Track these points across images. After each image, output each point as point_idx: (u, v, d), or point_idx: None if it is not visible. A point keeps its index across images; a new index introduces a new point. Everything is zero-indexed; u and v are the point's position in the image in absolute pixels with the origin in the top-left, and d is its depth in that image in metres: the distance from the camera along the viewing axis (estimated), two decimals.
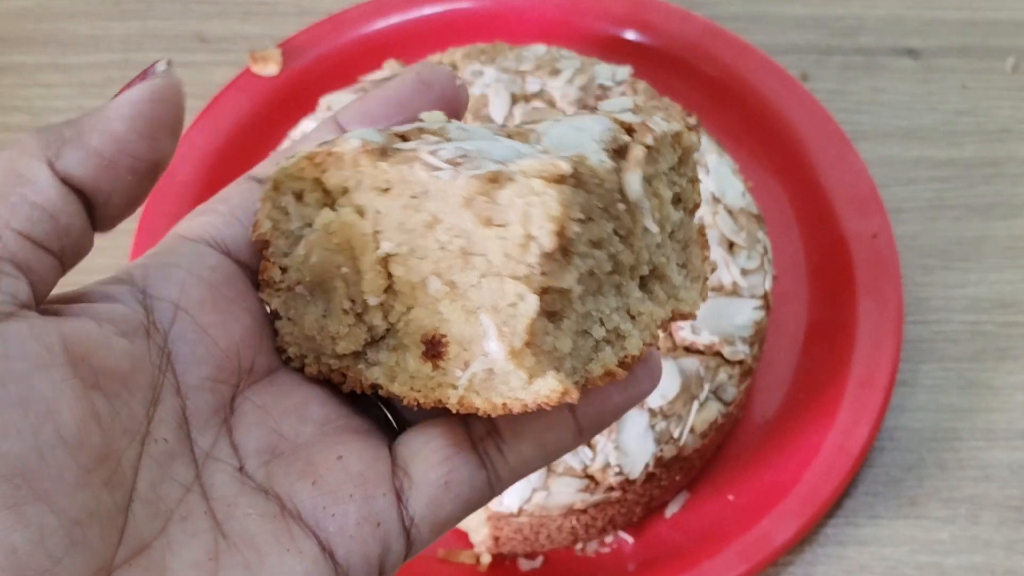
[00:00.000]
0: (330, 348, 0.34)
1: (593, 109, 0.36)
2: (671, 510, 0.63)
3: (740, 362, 0.60)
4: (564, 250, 0.31)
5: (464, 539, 0.62)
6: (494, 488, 0.34)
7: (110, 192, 0.31)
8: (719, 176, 0.63)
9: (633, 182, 0.33)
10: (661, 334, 0.58)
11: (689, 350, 0.59)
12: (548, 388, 0.31)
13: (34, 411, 0.28)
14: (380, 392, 0.34)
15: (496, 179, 0.30)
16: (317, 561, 0.31)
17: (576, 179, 0.31)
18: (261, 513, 0.31)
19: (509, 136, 0.33)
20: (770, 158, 0.73)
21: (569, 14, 0.76)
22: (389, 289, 0.33)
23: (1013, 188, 0.74)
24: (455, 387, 0.32)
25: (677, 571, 0.59)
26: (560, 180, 0.30)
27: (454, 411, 0.32)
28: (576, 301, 0.32)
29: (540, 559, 0.62)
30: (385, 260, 0.32)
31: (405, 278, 0.32)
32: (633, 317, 0.34)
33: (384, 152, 0.32)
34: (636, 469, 0.57)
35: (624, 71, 0.67)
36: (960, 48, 0.79)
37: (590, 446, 0.57)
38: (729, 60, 0.74)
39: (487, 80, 0.66)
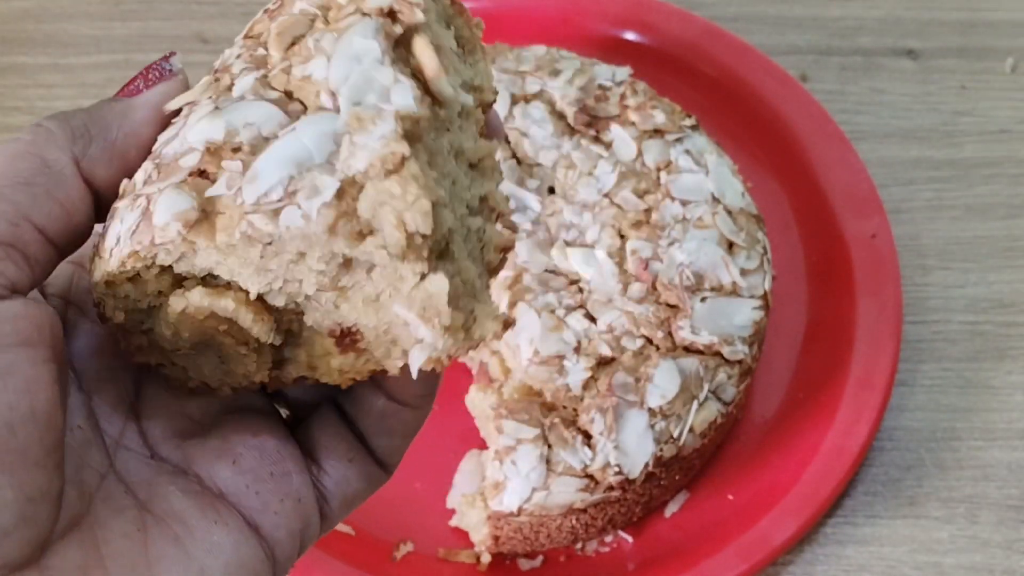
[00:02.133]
0: (242, 380, 0.33)
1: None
2: (671, 509, 0.63)
3: (739, 362, 0.60)
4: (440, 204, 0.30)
5: (464, 538, 0.62)
6: (386, 468, 0.36)
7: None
8: (718, 176, 0.63)
9: (444, 85, 0.31)
10: (660, 334, 0.59)
11: (688, 350, 0.59)
12: (488, 331, 0.31)
13: (13, 386, 0.28)
14: (307, 381, 0.34)
15: (343, 194, 0.28)
16: (244, 532, 0.32)
17: (410, 138, 0.29)
18: (183, 490, 0.32)
19: (288, 95, 0.30)
20: (769, 159, 0.73)
21: (569, 14, 0.76)
22: (278, 320, 0.32)
23: (1012, 188, 0.74)
24: (390, 359, 0.32)
25: (677, 570, 0.59)
26: (403, 162, 0.28)
27: (397, 372, 0.32)
28: (456, 223, 0.31)
29: (540, 558, 0.62)
30: (261, 300, 0.31)
31: (288, 304, 0.31)
32: (474, 166, 0.33)
33: (206, 214, 0.29)
34: (636, 469, 0.57)
35: (624, 72, 0.67)
36: (959, 49, 0.79)
37: (590, 446, 0.57)
38: (729, 61, 0.74)
39: None
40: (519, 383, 0.59)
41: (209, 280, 0.31)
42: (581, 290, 0.60)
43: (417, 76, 0.31)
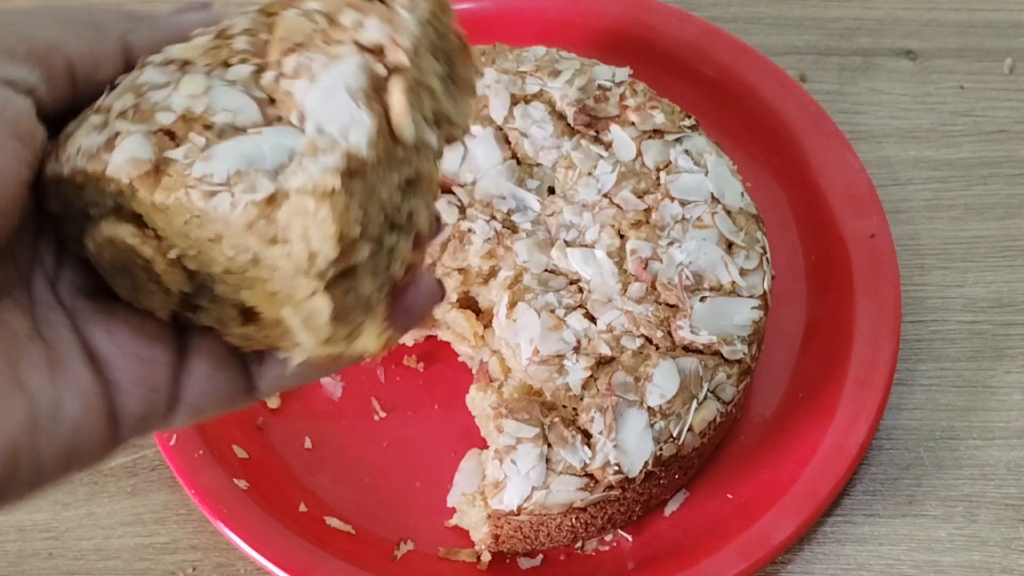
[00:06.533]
0: (149, 308, 0.36)
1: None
2: (670, 508, 0.63)
3: (739, 361, 0.60)
4: (352, 240, 0.32)
5: (465, 537, 0.62)
6: (251, 393, 0.37)
7: None
8: (718, 176, 0.63)
9: (406, 129, 0.33)
10: (659, 334, 0.59)
11: (688, 349, 0.59)
12: (370, 346, 0.34)
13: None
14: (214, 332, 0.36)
15: (272, 200, 0.31)
16: (101, 393, 0.34)
17: (350, 174, 0.32)
18: (69, 327, 0.34)
19: (271, 100, 0.33)
20: (768, 159, 0.73)
21: (569, 15, 0.76)
22: (190, 275, 0.34)
23: (1010, 188, 0.74)
24: (284, 342, 0.35)
25: (676, 569, 0.59)
26: (331, 193, 0.31)
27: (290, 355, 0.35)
28: (369, 251, 0.33)
29: (540, 557, 0.62)
30: (178, 259, 0.34)
31: (201, 269, 0.34)
32: (412, 183, 0.35)
33: (157, 170, 0.32)
34: (635, 468, 0.57)
35: (623, 72, 0.67)
36: (957, 49, 0.79)
37: (590, 445, 0.57)
38: (728, 61, 0.75)
39: (487, 81, 0.66)
40: (519, 382, 0.59)
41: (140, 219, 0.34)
42: (581, 290, 0.60)
43: (386, 111, 0.33)
